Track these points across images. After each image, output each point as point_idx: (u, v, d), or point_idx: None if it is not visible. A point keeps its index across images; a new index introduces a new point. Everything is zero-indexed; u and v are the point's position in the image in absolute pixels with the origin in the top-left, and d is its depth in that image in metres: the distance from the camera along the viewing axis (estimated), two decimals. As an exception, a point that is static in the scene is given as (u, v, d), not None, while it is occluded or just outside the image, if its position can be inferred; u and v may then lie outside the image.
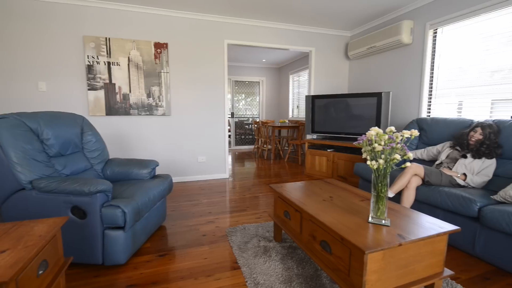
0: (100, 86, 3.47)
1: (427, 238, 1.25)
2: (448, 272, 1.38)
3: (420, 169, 2.25)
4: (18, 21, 3.16)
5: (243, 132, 7.92)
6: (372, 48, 3.98)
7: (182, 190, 3.54)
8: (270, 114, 8.02)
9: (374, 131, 1.32)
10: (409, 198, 2.25)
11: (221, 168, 4.20)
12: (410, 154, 1.28)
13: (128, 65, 3.56)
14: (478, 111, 2.87)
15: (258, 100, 7.98)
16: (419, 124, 3.02)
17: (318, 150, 4.18)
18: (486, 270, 1.78)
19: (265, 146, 6.51)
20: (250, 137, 7.99)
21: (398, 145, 1.26)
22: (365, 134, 1.37)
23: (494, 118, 2.54)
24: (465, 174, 2.24)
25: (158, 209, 2.24)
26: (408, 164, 1.34)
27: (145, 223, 2.00)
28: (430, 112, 3.41)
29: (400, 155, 1.28)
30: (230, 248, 2.02)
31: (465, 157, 2.31)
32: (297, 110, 7.03)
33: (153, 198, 2.01)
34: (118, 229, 1.72)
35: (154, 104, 3.72)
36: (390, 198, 2.48)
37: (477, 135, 2.27)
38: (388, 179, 1.34)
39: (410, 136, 1.27)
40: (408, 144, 2.16)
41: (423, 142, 2.96)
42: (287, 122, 6.36)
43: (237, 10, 3.67)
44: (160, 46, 3.67)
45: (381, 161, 1.29)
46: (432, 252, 1.31)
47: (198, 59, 3.89)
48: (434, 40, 3.31)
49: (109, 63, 3.48)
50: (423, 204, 2.28)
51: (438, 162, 2.51)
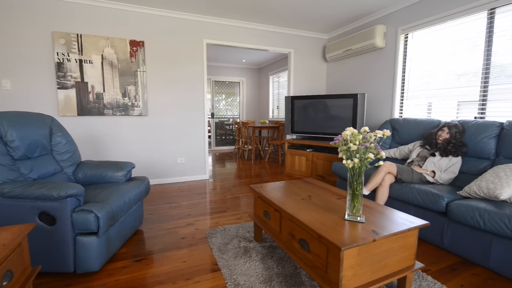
0: (71, 84, 3.30)
1: (399, 233, 1.30)
2: (419, 265, 1.45)
3: (393, 167, 2.35)
4: (-23, 13, 2.93)
5: (224, 132, 7.87)
6: (348, 51, 4.11)
7: (161, 192, 3.45)
8: (250, 115, 8.03)
9: (349, 131, 1.37)
10: (383, 195, 2.35)
11: (201, 169, 4.14)
12: (383, 153, 1.33)
13: (101, 63, 3.41)
14: (446, 112, 3.05)
15: (238, 100, 7.96)
16: (392, 124, 3.16)
17: (298, 150, 4.24)
18: (454, 262, 1.90)
19: (245, 146, 6.51)
20: (231, 137, 7.96)
21: (372, 144, 1.31)
22: (341, 134, 1.41)
23: (459, 119, 2.71)
24: (434, 172, 2.38)
25: (135, 212, 2.17)
26: (381, 162, 1.40)
27: (120, 228, 1.92)
28: (402, 113, 3.58)
29: (373, 154, 1.33)
30: (210, 250, 2.00)
31: (433, 155, 2.45)
32: (277, 110, 7.09)
33: (128, 202, 1.94)
34: (91, 234, 1.64)
35: (130, 104, 3.60)
36: (365, 196, 2.57)
37: (444, 135, 2.42)
38: (362, 178, 1.39)
39: (382, 136, 1.33)
40: (381, 143, 2.25)
41: (396, 141, 3.10)
42: (268, 122, 6.40)
43: (216, 9, 3.64)
44: (136, 44, 3.55)
45: (356, 160, 1.34)
46: (404, 246, 1.37)
47: (176, 58, 3.82)
48: (406, 44, 3.48)
49: (81, 61, 3.32)
50: (396, 200, 2.38)
51: (409, 161, 2.63)
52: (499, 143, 2.26)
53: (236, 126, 6.54)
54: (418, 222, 1.40)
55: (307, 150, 4.14)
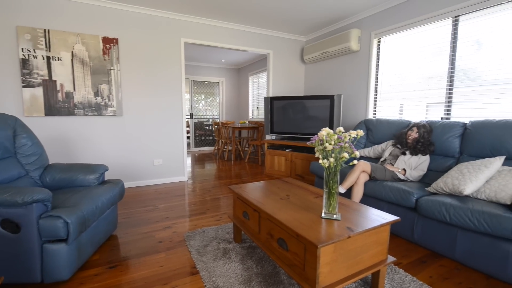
0: (37, 83, 3.10)
1: (372, 229, 1.36)
2: (391, 259, 1.52)
3: (367, 166, 2.44)
4: None
5: (203, 133, 7.77)
6: (325, 53, 4.22)
7: (136, 195, 3.33)
8: (230, 115, 8.00)
9: (325, 132, 1.40)
10: (358, 193, 2.43)
11: (179, 170, 4.05)
12: (357, 152, 1.38)
13: (71, 60, 3.24)
14: (416, 113, 3.22)
15: (218, 100, 7.90)
16: (367, 124, 3.28)
17: (277, 150, 4.28)
18: (423, 254, 2.00)
19: (225, 147, 6.47)
20: (211, 138, 7.87)
21: (346, 144, 1.36)
22: (317, 134, 1.44)
23: (427, 119, 2.87)
24: (404, 170, 2.50)
25: (108, 217, 2.08)
26: (355, 162, 1.45)
27: (92, 234, 1.83)
28: (375, 113, 3.73)
29: (348, 153, 1.38)
30: (189, 253, 1.96)
31: (404, 154, 2.57)
32: (257, 111, 7.12)
33: (101, 206, 1.86)
34: (59, 242, 1.55)
35: (103, 103, 3.45)
36: (342, 194, 2.64)
37: (413, 134, 2.55)
38: (338, 176, 1.43)
39: (356, 135, 1.37)
40: (355, 143, 2.33)
41: (370, 141, 3.22)
42: (247, 123, 6.41)
43: (194, 8, 3.59)
44: (109, 42, 3.41)
45: (331, 159, 1.37)
46: (377, 241, 1.43)
47: (152, 57, 3.71)
48: (378, 48, 3.63)
49: (48, 58, 3.13)
50: (371, 197, 2.48)
51: (382, 159, 2.75)
52: (463, 142, 2.42)
53: (215, 126, 6.48)
54: (390, 218, 1.47)
55: (286, 150, 4.20)
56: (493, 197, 1.86)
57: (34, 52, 3.06)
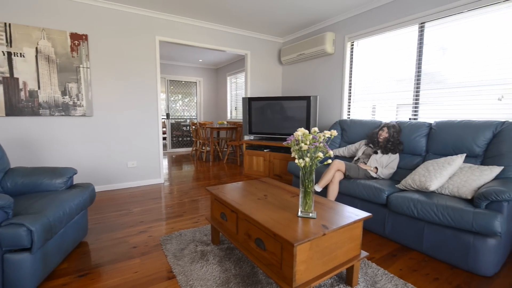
0: (-4, 80, 2.87)
1: (346, 226, 1.40)
2: (364, 254, 1.58)
3: (342, 165, 2.53)
4: None
5: (181, 134, 7.60)
6: (301, 55, 4.30)
7: (109, 199, 3.19)
8: (208, 115, 7.90)
9: (300, 132, 1.43)
10: (334, 191, 2.51)
11: (155, 172, 3.94)
12: (331, 152, 1.42)
13: (36, 57, 3.04)
14: (387, 114, 3.38)
15: (196, 101, 7.77)
16: (341, 125, 3.39)
17: (256, 150, 4.30)
18: (394, 248, 2.10)
19: (203, 148, 6.39)
20: (188, 139, 7.73)
21: (321, 144, 1.39)
22: (293, 134, 1.47)
23: (397, 120, 3.03)
24: (376, 168, 2.61)
25: (78, 223, 1.97)
26: (330, 161, 1.49)
27: (60, 241, 1.73)
28: (350, 114, 3.86)
29: (323, 153, 1.41)
30: (165, 257, 1.91)
31: (376, 153, 2.69)
32: (235, 111, 7.10)
33: (69, 212, 1.76)
34: (23, 251, 1.44)
35: (71, 103, 3.26)
36: (318, 192, 2.71)
37: (384, 134, 2.68)
38: (313, 176, 1.46)
39: (330, 136, 1.41)
40: (329, 143, 2.39)
41: (345, 140, 3.33)
42: (226, 123, 6.37)
43: (169, 6, 3.50)
44: (78, 38, 3.24)
45: (307, 159, 1.40)
46: (350, 238, 1.48)
47: (125, 55, 3.57)
48: (352, 51, 3.77)
49: (9, 54, 2.91)
50: (345, 195, 2.56)
51: (356, 158, 2.86)
52: (429, 141, 2.58)
53: (193, 127, 6.38)
54: (362, 214, 1.53)
55: (265, 150, 4.22)
56: (455, 192, 2.00)
57: (-8, 47, 2.83)
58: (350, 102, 3.84)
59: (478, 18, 2.52)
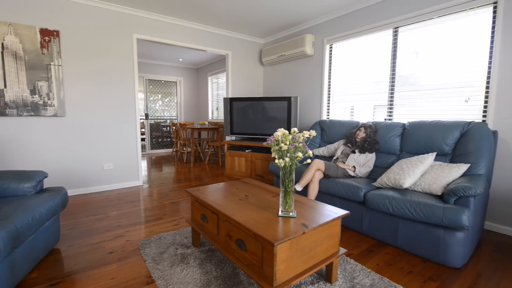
0: (-45, 78, 2.66)
1: (325, 224, 1.44)
2: (343, 250, 1.62)
3: (321, 164, 2.58)
4: None
5: (161, 134, 7.42)
6: (282, 56, 4.35)
7: (84, 203, 3.05)
8: (189, 116, 7.78)
9: (280, 132, 1.44)
10: (314, 190, 2.55)
11: (133, 175, 3.81)
12: (310, 152, 1.45)
13: (1, 53, 2.84)
14: (365, 114, 3.50)
15: (176, 101, 7.62)
16: (321, 125, 3.47)
17: (237, 151, 4.29)
18: (371, 244, 2.18)
19: (184, 149, 6.28)
20: (168, 139, 7.56)
21: (300, 144, 1.41)
22: (273, 135, 1.48)
23: (374, 120, 3.14)
24: (354, 167, 2.69)
25: (48, 229, 1.87)
26: (309, 160, 1.51)
27: (29, 249, 1.63)
28: (329, 115, 3.96)
29: (302, 153, 1.43)
30: (143, 261, 1.86)
31: (354, 152, 2.77)
32: (216, 112, 7.04)
33: (39, 217, 1.66)
34: (-15, 261, 1.34)
35: (41, 102, 3.09)
36: (299, 192, 2.75)
37: (361, 134, 2.77)
38: (293, 175, 1.48)
39: (309, 136, 1.44)
40: (308, 143, 2.44)
41: (324, 140, 3.41)
42: (207, 124, 6.30)
43: (148, 3, 3.41)
44: (48, 34, 3.07)
45: (287, 159, 1.42)
46: (329, 235, 1.52)
47: (101, 53, 3.43)
48: (331, 53, 3.86)
49: (-30, 49, 2.70)
50: (325, 194, 2.62)
51: (335, 158, 2.93)
52: (403, 141, 2.69)
53: (173, 127, 6.25)
54: (341, 212, 1.57)
55: (246, 151, 4.22)
56: (427, 189, 2.10)
57: (-49, 41, 2.62)
58: (329, 103, 3.94)
59: (447, 24, 2.68)
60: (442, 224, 1.79)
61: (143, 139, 7.33)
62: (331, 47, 3.84)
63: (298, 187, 2.58)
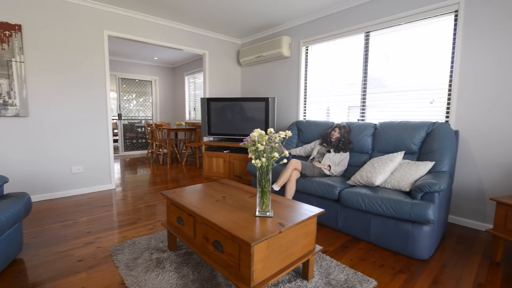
0: None
1: (301, 222, 1.46)
2: (318, 247, 1.66)
3: (298, 164, 2.63)
4: None
5: (135, 135, 7.16)
6: (259, 57, 4.37)
7: (50, 209, 2.86)
8: (165, 116, 7.57)
9: (256, 133, 1.45)
10: (291, 189, 2.59)
11: (105, 178, 3.64)
12: (286, 152, 1.47)
13: (-48, 47, 2.59)
14: (340, 115, 3.61)
15: (151, 100, 7.38)
16: (298, 125, 3.53)
17: (215, 152, 4.25)
18: (346, 240, 2.25)
19: (160, 150, 6.11)
20: (143, 141, 7.31)
21: (276, 144, 1.43)
22: (250, 135, 1.48)
23: (348, 121, 3.25)
24: (330, 166, 2.77)
25: (10, 238, 1.73)
26: (285, 160, 1.53)
27: (-15, 261, 1.50)
28: (306, 115, 4.04)
29: (278, 153, 1.45)
30: (116, 268, 1.78)
31: (329, 152, 2.85)
32: (194, 112, 6.93)
33: (-2, 226, 1.53)
34: None
35: (1, 101, 2.85)
36: (277, 192, 2.78)
37: (336, 134, 2.85)
38: (270, 175, 1.49)
39: (285, 136, 1.46)
40: (284, 143, 2.47)
41: (301, 141, 3.47)
42: (184, 124, 6.18)
43: (119, -1, 3.28)
44: (9, 28, 2.85)
45: (263, 159, 1.43)
46: (305, 233, 1.55)
47: (69, 49, 3.24)
48: (307, 55, 3.94)
49: None
50: (302, 193, 2.67)
51: (311, 157, 3.00)
52: (374, 140, 2.81)
53: (149, 128, 6.05)
54: (316, 210, 1.61)
55: (224, 151, 4.20)
56: (396, 186, 2.21)
57: None
58: (306, 104, 4.02)
59: (414, 30, 2.84)
60: (410, 219, 1.89)
61: (116, 140, 7.03)
62: (307, 49, 3.92)
63: (276, 187, 2.60)
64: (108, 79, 3.56)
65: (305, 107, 4.03)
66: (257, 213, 1.52)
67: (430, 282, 1.69)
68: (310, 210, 1.61)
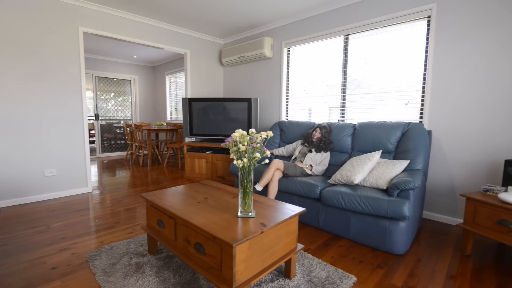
0: None
1: (283, 222, 1.47)
2: (300, 246, 1.68)
3: (280, 164, 2.65)
4: None
5: (113, 136, 6.91)
6: (242, 57, 4.37)
7: (20, 215, 2.70)
8: (145, 116, 7.38)
9: (238, 133, 1.44)
10: (273, 190, 2.61)
11: (80, 181, 3.48)
12: (268, 152, 1.47)
13: None
14: (322, 116, 3.68)
15: (130, 100, 7.16)
16: (280, 126, 3.56)
17: (197, 152, 4.19)
18: (327, 238, 2.30)
19: (140, 151, 5.94)
20: (122, 142, 7.08)
21: (258, 144, 1.43)
22: (231, 136, 1.47)
23: (329, 121, 3.32)
24: (311, 165, 2.82)
25: (-27, 247, 1.61)
26: (267, 161, 1.54)
27: None
28: (288, 116, 4.08)
29: (260, 153, 1.45)
30: (93, 275, 1.71)
31: (311, 151, 2.90)
32: (175, 112, 6.80)
33: (-41, 234, 1.42)
34: None
35: (-37, 101, 2.66)
36: (260, 192, 2.79)
37: (317, 134, 2.91)
38: (252, 176, 1.50)
39: (266, 136, 1.47)
40: (266, 143, 2.49)
41: (284, 141, 3.51)
42: (165, 124, 6.05)
43: (94, -5, 3.16)
44: (-29, 22, 2.66)
45: (245, 160, 1.43)
46: (287, 232, 1.56)
47: (41, 46, 3.08)
48: (288, 56, 3.99)
49: None
50: (284, 193, 2.69)
51: (293, 157, 3.03)
52: (353, 140, 2.89)
53: (128, 129, 5.87)
54: (298, 210, 1.63)
55: (207, 152, 4.15)
56: (374, 184, 2.29)
57: None
58: (288, 104, 4.06)
59: (390, 34, 2.95)
60: (388, 215, 1.96)
61: (93, 142, 6.76)
62: (289, 51, 3.97)
63: (259, 187, 2.61)
64: (83, 78, 3.41)
65: (287, 108, 4.08)
66: (239, 213, 1.51)
67: (406, 275, 1.76)
68: (292, 210, 1.63)
